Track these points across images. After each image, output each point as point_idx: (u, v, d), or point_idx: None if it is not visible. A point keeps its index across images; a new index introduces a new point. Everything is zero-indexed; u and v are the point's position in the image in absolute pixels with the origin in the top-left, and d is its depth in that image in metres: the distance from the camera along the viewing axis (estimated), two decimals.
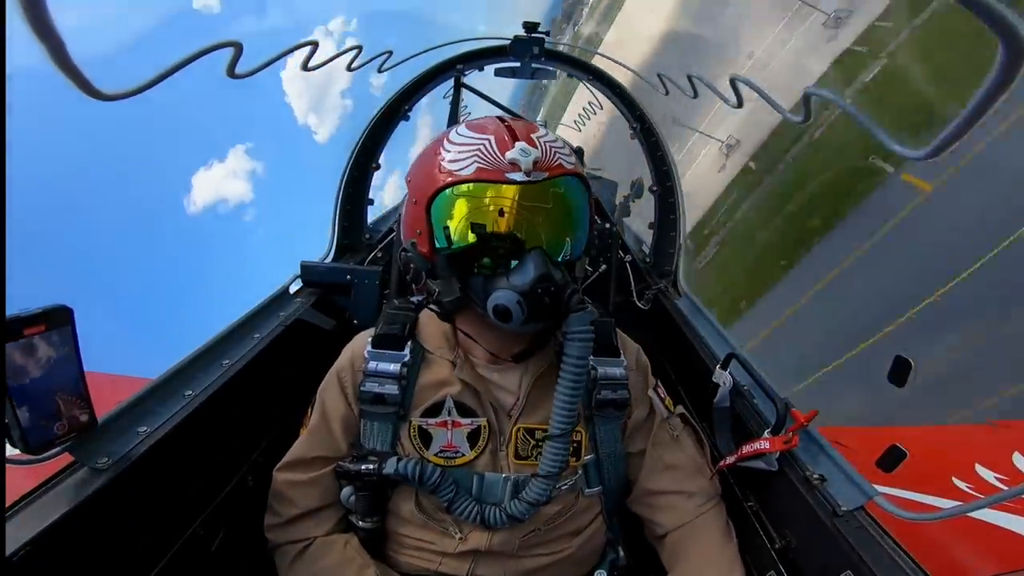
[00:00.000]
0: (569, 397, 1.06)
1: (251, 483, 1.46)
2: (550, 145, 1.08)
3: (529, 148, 1.04)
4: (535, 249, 1.04)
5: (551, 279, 1.02)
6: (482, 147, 1.05)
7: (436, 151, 1.10)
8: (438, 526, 1.21)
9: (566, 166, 1.08)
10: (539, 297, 1.01)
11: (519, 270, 1.03)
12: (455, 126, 1.14)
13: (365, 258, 2.40)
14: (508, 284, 1.03)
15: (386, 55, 2.50)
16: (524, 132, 1.08)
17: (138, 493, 1.08)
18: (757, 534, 1.31)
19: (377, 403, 1.20)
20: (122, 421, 1.12)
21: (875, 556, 1.01)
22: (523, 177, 1.02)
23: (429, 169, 1.09)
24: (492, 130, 1.08)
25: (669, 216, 2.46)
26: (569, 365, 1.05)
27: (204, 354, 1.43)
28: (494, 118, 1.14)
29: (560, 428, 1.08)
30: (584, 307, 1.05)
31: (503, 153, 1.03)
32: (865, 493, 1.13)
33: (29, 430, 0.84)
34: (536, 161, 1.03)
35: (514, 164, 1.02)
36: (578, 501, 1.26)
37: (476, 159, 1.04)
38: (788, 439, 1.26)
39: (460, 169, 1.05)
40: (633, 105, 2.55)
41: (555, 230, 1.09)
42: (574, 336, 1.04)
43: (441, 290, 1.12)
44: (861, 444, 1.43)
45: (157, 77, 1.40)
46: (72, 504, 0.93)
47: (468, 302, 1.11)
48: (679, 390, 1.92)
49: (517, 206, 1.04)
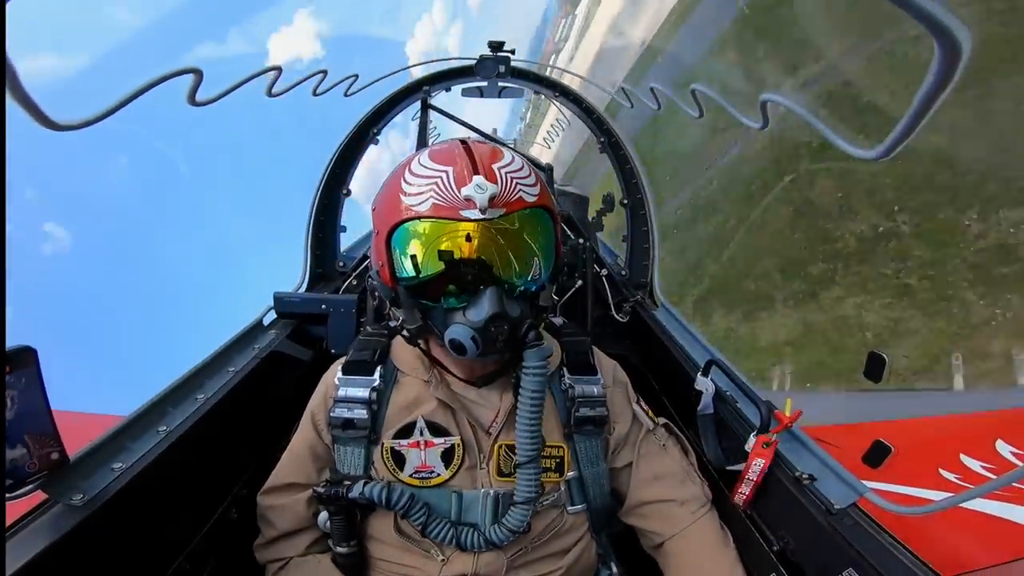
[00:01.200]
0: (529, 426, 1.08)
1: (235, 515, 1.45)
2: (511, 176, 1.06)
3: (486, 184, 1.01)
4: (491, 287, 1.03)
5: (505, 317, 1.03)
6: (439, 181, 1.03)
7: (398, 181, 1.08)
8: (419, 549, 1.19)
9: (527, 199, 1.06)
10: (493, 334, 1.03)
11: (474, 306, 1.04)
12: (420, 152, 1.12)
13: (339, 286, 2.36)
14: (464, 319, 1.04)
15: (352, 79, 2.50)
16: (487, 163, 1.06)
17: (116, 529, 1.07)
18: (754, 537, 1.29)
19: (348, 428, 1.21)
20: (96, 458, 1.11)
21: (875, 552, 1.00)
22: (477, 215, 1.01)
23: (390, 200, 1.08)
24: (453, 161, 1.06)
25: (641, 228, 2.48)
26: (525, 398, 1.07)
27: (177, 389, 1.40)
28: (459, 145, 1.11)
29: (527, 455, 1.10)
30: (539, 343, 1.07)
31: (459, 188, 1.01)
32: (856, 490, 1.13)
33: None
34: (493, 197, 1.00)
35: (469, 200, 1.00)
36: (563, 518, 1.24)
37: (432, 194, 1.02)
38: (769, 441, 1.27)
39: (417, 204, 1.03)
40: (600, 120, 2.59)
41: (513, 263, 1.07)
42: (528, 371, 1.06)
43: (404, 318, 1.14)
44: (844, 441, 1.42)
45: (115, 105, 1.37)
46: (49, 540, 0.93)
47: (430, 330, 1.12)
48: (662, 399, 1.91)
49: (473, 241, 1.03)
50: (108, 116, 1.35)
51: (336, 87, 2.43)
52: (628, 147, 2.52)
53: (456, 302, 1.06)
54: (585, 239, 2.33)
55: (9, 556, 0.87)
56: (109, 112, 1.35)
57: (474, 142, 1.13)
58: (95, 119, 1.30)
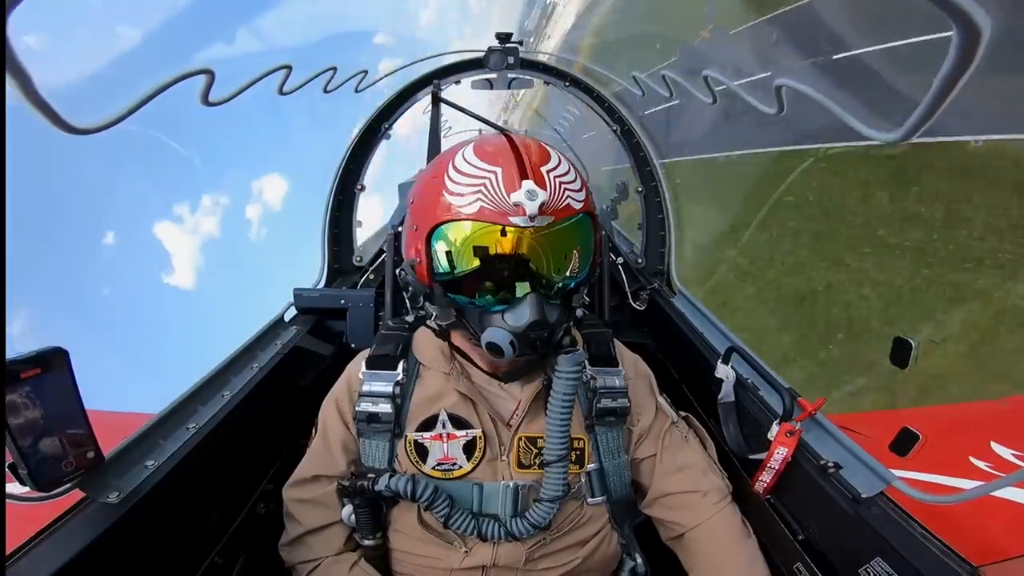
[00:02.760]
0: (560, 427, 1.08)
1: (263, 510, 1.47)
2: (560, 181, 1.03)
3: (537, 190, 0.98)
4: (532, 292, 1.03)
5: (544, 323, 1.03)
6: (487, 183, 1.00)
7: (440, 177, 1.05)
8: (442, 540, 1.20)
9: (574, 206, 1.05)
10: (531, 339, 1.03)
11: (514, 311, 1.03)
12: (464, 147, 1.09)
13: (357, 281, 2.38)
14: (502, 323, 1.04)
15: (361, 74, 2.50)
16: (535, 166, 1.02)
17: (151, 525, 1.10)
18: (778, 527, 1.28)
19: (372, 422, 1.22)
20: (129, 456, 1.13)
21: (904, 541, 0.99)
22: (526, 222, 0.99)
23: (432, 197, 1.06)
24: (502, 161, 1.02)
25: (656, 215, 2.46)
26: (556, 400, 1.06)
27: (204, 387, 1.43)
28: (507, 142, 1.07)
29: (556, 455, 1.10)
30: (574, 348, 1.06)
31: (509, 194, 0.99)
32: (883, 479, 1.11)
33: (36, 468, 0.87)
34: (543, 204, 0.98)
35: (519, 207, 0.98)
36: (583, 510, 1.25)
37: (480, 197, 1.00)
38: (792, 430, 1.25)
39: (463, 205, 1.01)
40: (612, 109, 2.57)
41: (555, 269, 1.07)
42: (561, 375, 1.05)
43: (438, 314, 1.14)
44: (871, 428, 1.39)
45: (130, 108, 1.39)
46: (89, 539, 0.95)
47: (463, 326, 1.12)
48: (682, 388, 1.90)
49: (519, 246, 1.02)
50: (124, 119, 1.38)
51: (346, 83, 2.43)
52: (641, 135, 2.50)
53: (492, 301, 1.06)
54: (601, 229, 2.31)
55: (50, 554, 0.90)
56: (125, 115, 1.37)
57: (520, 139, 1.09)
58: (112, 122, 1.33)
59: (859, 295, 6.23)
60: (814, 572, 1.17)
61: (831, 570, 1.14)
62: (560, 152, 1.13)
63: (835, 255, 6.77)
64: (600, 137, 3.08)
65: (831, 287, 6.56)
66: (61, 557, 0.90)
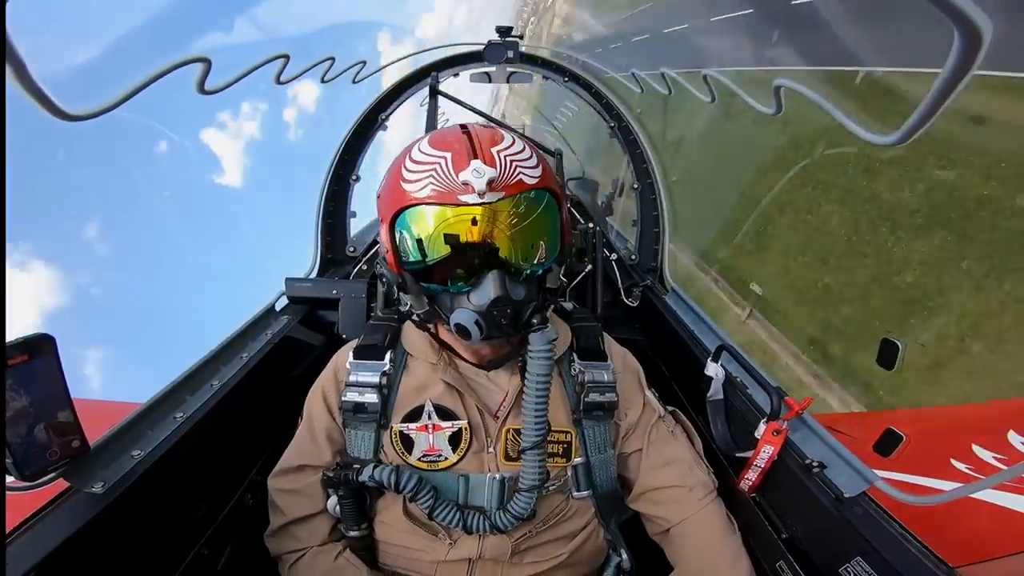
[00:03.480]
0: (535, 410, 1.07)
1: (250, 501, 1.48)
2: (510, 159, 1.05)
3: (484, 168, 1.01)
4: (493, 271, 1.04)
5: (508, 300, 1.03)
6: (438, 167, 1.03)
7: (399, 169, 1.08)
8: (427, 532, 1.20)
9: (527, 181, 1.05)
10: (496, 317, 1.03)
11: (477, 291, 1.04)
12: (421, 139, 1.12)
13: (350, 272, 2.37)
14: (467, 304, 1.05)
15: (360, 65, 2.48)
16: (486, 146, 1.05)
17: (137, 515, 1.09)
18: (762, 525, 1.29)
19: (359, 412, 1.22)
20: (115, 446, 1.12)
21: (884, 541, 1.00)
22: (475, 199, 1.00)
23: (392, 187, 1.08)
24: (452, 146, 1.06)
25: (651, 212, 2.46)
26: (531, 381, 1.06)
27: (192, 376, 1.42)
28: (459, 129, 1.11)
29: (532, 440, 1.09)
30: (544, 326, 1.06)
31: (457, 173, 1.01)
32: (866, 479, 1.12)
33: (21, 458, 0.86)
34: (491, 180, 1.00)
35: (467, 185, 1.00)
36: (569, 504, 1.25)
37: (431, 180, 1.03)
38: (779, 428, 1.26)
39: (416, 191, 1.04)
40: (609, 105, 2.56)
41: (517, 246, 1.07)
42: (534, 354, 1.05)
43: (412, 304, 1.15)
44: (856, 429, 1.41)
45: (126, 95, 1.37)
46: (73, 528, 0.94)
47: (438, 315, 1.12)
48: (672, 384, 1.91)
49: (477, 225, 1.03)
50: (119, 106, 1.36)
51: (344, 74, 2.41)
52: (638, 132, 2.50)
53: (463, 286, 1.07)
54: (594, 223, 2.32)
55: (34, 545, 0.90)
56: (119, 102, 1.36)
57: (476, 127, 1.12)
58: (106, 109, 1.31)
59: None
60: (796, 571, 1.19)
61: (813, 569, 1.16)
62: (519, 135, 1.14)
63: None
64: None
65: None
66: (44, 548, 0.89)
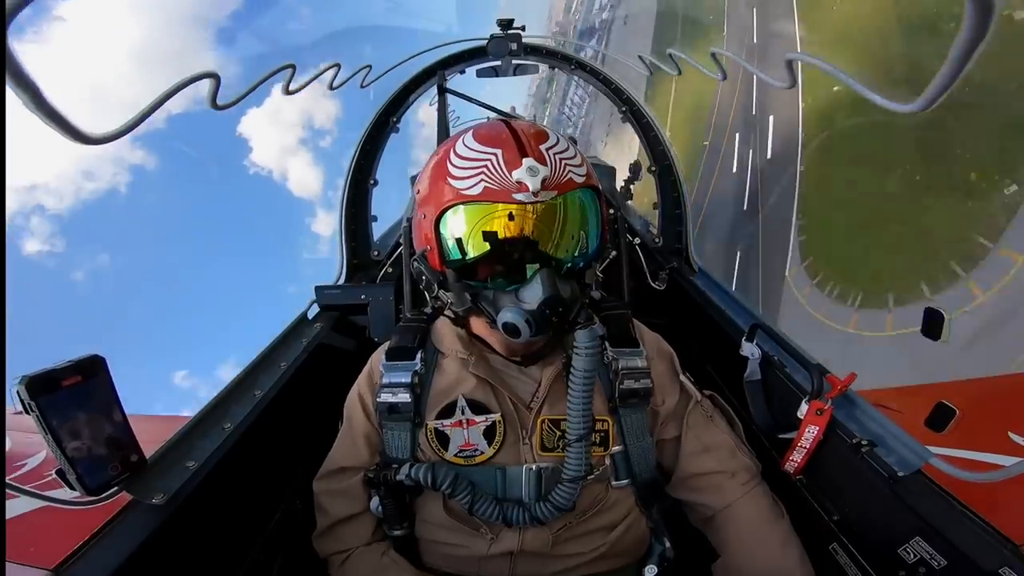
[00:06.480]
0: (580, 404, 1.08)
1: (299, 506, 1.50)
2: (560, 157, 1.06)
3: (538, 166, 1.01)
4: (543, 268, 1.04)
5: (558, 299, 1.03)
6: (488, 164, 1.03)
7: (444, 163, 1.08)
8: (468, 528, 1.20)
9: (576, 180, 1.07)
10: (547, 316, 1.03)
11: (528, 289, 1.05)
12: (463, 134, 1.12)
13: (376, 275, 2.41)
14: (517, 302, 1.05)
15: (366, 69, 2.49)
16: (534, 144, 1.05)
17: (196, 525, 1.12)
18: (811, 507, 1.26)
19: (393, 413, 1.23)
20: (170, 458, 1.17)
21: (943, 520, 0.97)
22: (530, 198, 1.01)
23: (436, 183, 1.08)
24: (501, 143, 1.05)
25: (671, 194, 2.43)
26: (577, 377, 1.06)
27: (235, 388, 1.47)
28: (504, 126, 1.11)
29: (577, 433, 1.09)
30: (592, 323, 1.07)
31: (510, 172, 1.01)
32: (920, 456, 1.08)
33: (84, 473, 0.91)
34: (545, 179, 1.01)
35: (521, 184, 1.01)
36: (608, 493, 1.23)
37: (483, 177, 1.03)
38: (823, 408, 1.21)
39: (467, 188, 1.04)
40: (619, 90, 2.53)
41: (563, 244, 1.08)
42: (580, 351, 1.05)
43: (453, 301, 1.15)
44: (904, 404, 1.35)
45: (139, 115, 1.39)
46: (139, 540, 0.98)
47: (479, 311, 1.12)
48: (706, 367, 1.87)
49: (521, 221, 1.04)
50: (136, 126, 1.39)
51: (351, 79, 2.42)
52: (650, 114, 2.46)
53: (504, 283, 1.07)
54: (616, 208, 2.29)
55: (105, 556, 0.94)
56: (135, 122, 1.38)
57: (518, 123, 1.13)
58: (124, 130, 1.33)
59: None
60: (851, 552, 1.15)
61: (868, 550, 1.12)
62: (560, 133, 1.15)
63: None
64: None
65: None
66: (115, 559, 0.93)
